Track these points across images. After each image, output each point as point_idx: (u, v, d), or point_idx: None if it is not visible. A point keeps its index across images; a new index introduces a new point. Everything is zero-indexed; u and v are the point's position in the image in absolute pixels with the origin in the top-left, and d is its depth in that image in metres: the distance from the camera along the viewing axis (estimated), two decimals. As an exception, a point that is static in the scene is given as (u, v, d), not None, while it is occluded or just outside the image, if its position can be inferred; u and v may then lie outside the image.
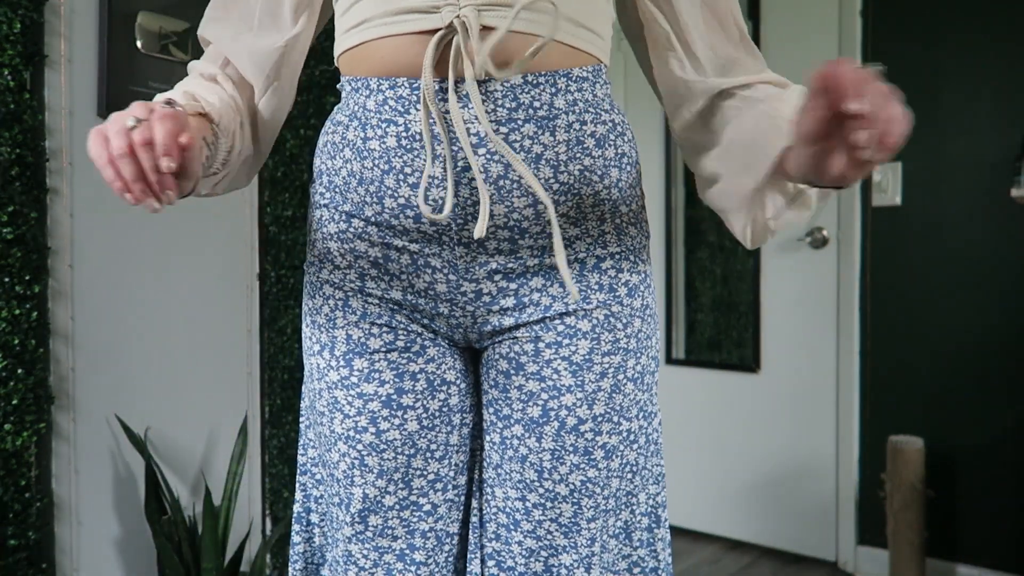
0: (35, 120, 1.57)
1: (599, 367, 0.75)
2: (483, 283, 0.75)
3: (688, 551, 2.76)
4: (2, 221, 1.52)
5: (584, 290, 0.75)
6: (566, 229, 0.73)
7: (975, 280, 2.33)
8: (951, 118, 2.36)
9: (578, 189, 0.72)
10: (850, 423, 2.54)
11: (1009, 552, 2.27)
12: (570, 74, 0.72)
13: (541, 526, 0.78)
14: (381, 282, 0.76)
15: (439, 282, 0.75)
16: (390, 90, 0.71)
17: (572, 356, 0.75)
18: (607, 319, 0.75)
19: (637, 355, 0.78)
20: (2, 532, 1.52)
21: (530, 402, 0.76)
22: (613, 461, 0.78)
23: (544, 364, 0.76)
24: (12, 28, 1.51)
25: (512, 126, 0.69)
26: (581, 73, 0.73)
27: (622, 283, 0.76)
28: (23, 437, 1.54)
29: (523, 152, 0.70)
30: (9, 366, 1.53)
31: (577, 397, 0.75)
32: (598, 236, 0.75)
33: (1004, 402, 2.27)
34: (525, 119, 0.70)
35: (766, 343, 2.71)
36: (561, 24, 0.70)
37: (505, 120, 0.69)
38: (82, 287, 1.68)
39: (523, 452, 0.77)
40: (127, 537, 1.76)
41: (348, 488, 0.78)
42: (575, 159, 0.72)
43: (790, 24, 2.65)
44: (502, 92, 0.69)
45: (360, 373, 0.77)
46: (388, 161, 0.72)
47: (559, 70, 0.71)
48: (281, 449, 2.09)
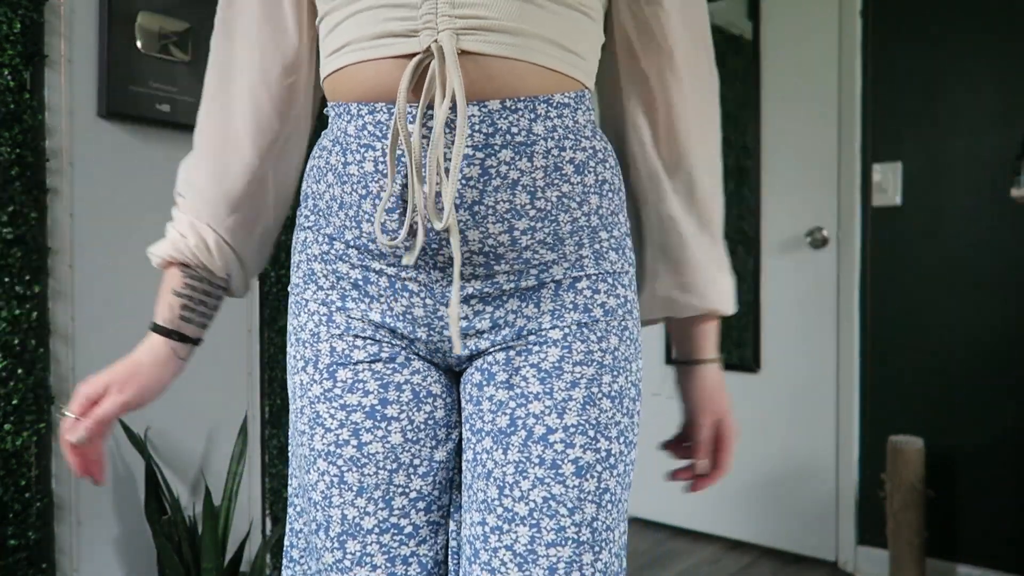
0: (35, 120, 1.57)
1: (570, 375, 0.71)
2: (460, 307, 0.73)
3: (688, 551, 2.76)
4: (2, 221, 1.52)
5: (558, 309, 0.73)
6: (542, 254, 0.72)
7: (975, 280, 2.33)
8: (951, 118, 2.36)
9: (555, 215, 0.71)
10: (850, 423, 2.54)
11: (1009, 552, 2.27)
12: (551, 100, 0.70)
13: (496, 555, 0.69)
14: (362, 303, 0.75)
15: (416, 306, 0.73)
16: (369, 115, 0.70)
17: (541, 363, 0.72)
18: (579, 329, 0.73)
19: (614, 372, 0.73)
20: (2, 532, 1.52)
21: (499, 412, 0.72)
22: (588, 482, 0.69)
23: (513, 372, 0.73)
24: (12, 28, 1.51)
25: (488, 151, 0.68)
26: (563, 99, 0.71)
27: (598, 304, 0.74)
28: (23, 437, 1.54)
29: (499, 178, 0.68)
30: (9, 366, 1.53)
31: (545, 405, 0.70)
32: (575, 260, 0.73)
33: (1004, 402, 2.27)
34: (502, 144, 0.68)
35: (766, 343, 2.71)
36: (542, 47, 0.69)
37: (482, 145, 0.67)
38: (82, 287, 1.68)
39: (489, 467, 0.72)
40: (127, 537, 1.76)
41: (326, 511, 0.74)
42: (553, 185, 0.70)
43: (790, 24, 2.65)
44: (479, 117, 0.67)
45: (344, 384, 0.74)
46: (366, 186, 0.71)
47: (539, 95, 0.69)
48: (281, 449, 2.09)
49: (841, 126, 2.56)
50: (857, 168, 2.53)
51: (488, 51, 0.67)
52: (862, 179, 2.52)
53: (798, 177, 2.65)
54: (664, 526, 3.00)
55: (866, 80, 2.51)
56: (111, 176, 1.73)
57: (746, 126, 2.77)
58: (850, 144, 2.53)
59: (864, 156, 2.52)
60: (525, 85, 0.69)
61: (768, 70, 2.70)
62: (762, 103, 2.72)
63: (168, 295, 0.83)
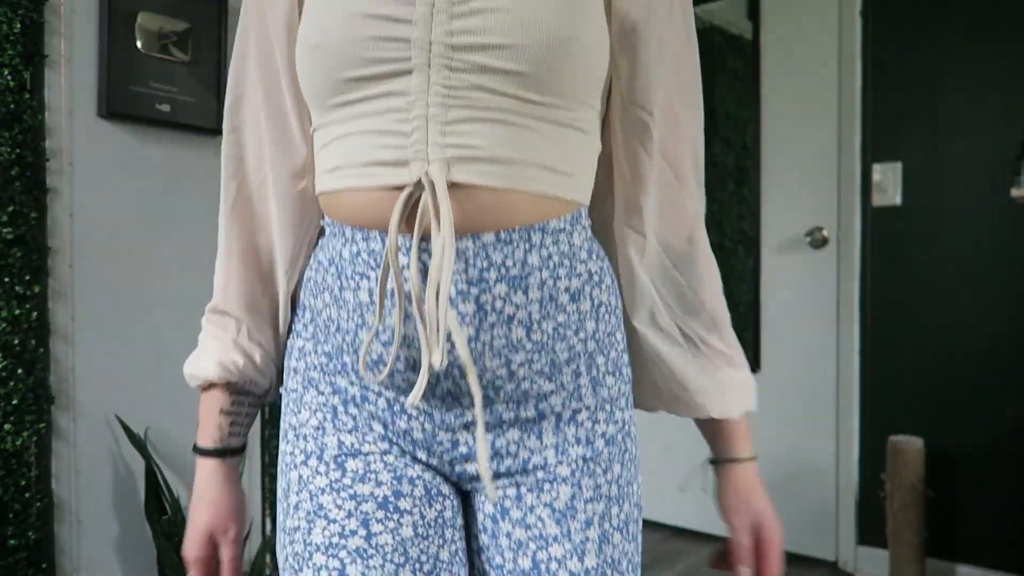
0: (35, 120, 1.57)
1: (583, 515, 0.73)
2: (459, 433, 0.72)
3: (688, 551, 2.76)
4: (2, 221, 1.52)
5: (562, 444, 0.73)
6: (540, 384, 0.71)
7: (975, 280, 2.33)
8: (951, 118, 2.36)
9: (552, 346, 0.70)
10: (850, 423, 2.54)
11: (1009, 552, 2.27)
12: (545, 227, 0.68)
13: None
14: (362, 415, 0.74)
15: (415, 429, 0.73)
16: (363, 242, 0.69)
17: (554, 503, 0.72)
18: (586, 464, 0.73)
19: (620, 502, 0.75)
20: (2, 532, 1.52)
21: (520, 551, 0.73)
22: None
23: (528, 511, 0.73)
24: (12, 28, 1.51)
25: (483, 286, 0.66)
26: (558, 224, 0.69)
27: (599, 435, 0.74)
28: (23, 437, 1.55)
29: (495, 314, 0.67)
30: (9, 366, 1.53)
31: (566, 548, 0.72)
32: (573, 390, 0.73)
33: (1004, 402, 2.27)
34: (497, 279, 0.67)
35: (766, 343, 2.71)
36: (535, 174, 0.67)
37: (476, 280, 0.66)
38: (82, 287, 1.68)
39: None
40: (127, 537, 1.76)
41: None
42: (548, 317, 0.69)
43: (790, 24, 2.65)
44: (474, 251, 0.66)
45: (354, 473, 0.72)
46: (361, 315, 0.70)
47: (534, 224, 0.68)
48: (281, 449, 2.09)
49: (841, 126, 2.56)
50: (857, 168, 2.53)
51: (479, 182, 0.65)
52: (862, 179, 2.52)
53: (798, 177, 2.65)
54: (664, 526, 3.00)
55: (866, 80, 2.51)
56: (111, 176, 1.73)
57: (746, 126, 2.77)
58: (850, 144, 2.53)
59: (864, 156, 2.52)
60: (518, 214, 0.67)
61: (768, 70, 2.70)
62: (762, 103, 2.72)
63: (215, 416, 0.82)
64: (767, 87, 2.71)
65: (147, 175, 1.79)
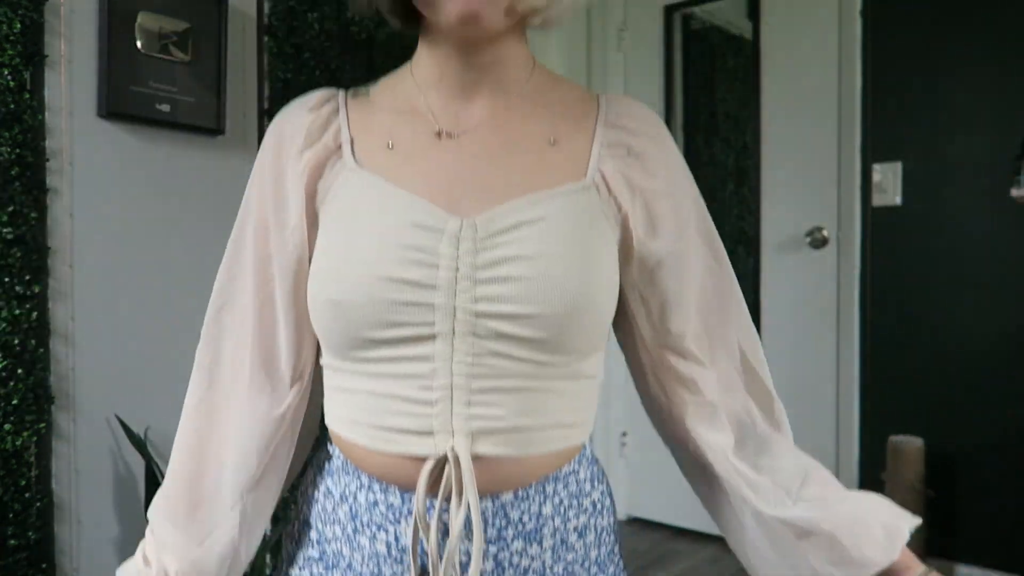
0: (35, 120, 1.57)
1: None
2: None
3: (688, 551, 2.76)
4: (2, 221, 1.52)
5: None
6: None
7: (975, 280, 2.33)
8: (951, 118, 2.36)
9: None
10: (850, 423, 2.54)
11: (1009, 552, 2.27)
12: (558, 476, 0.71)
13: None
14: None
15: None
16: (381, 493, 0.70)
17: None
18: None
19: None
20: (2, 532, 1.52)
21: None
22: None
23: None
24: (12, 28, 1.51)
25: (501, 544, 0.68)
26: (568, 468, 0.72)
27: None
28: (23, 437, 1.54)
29: (511, 568, 0.69)
30: (9, 366, 1.53)
31: None
32: None
33: (1004, 402, 2.27)
34: (514, 535, 0.69)
35: (766, 343, 2.70)
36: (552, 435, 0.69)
37: (495, 539, 0.68)
38: (82, 287, 1.68)
39: None
40: (127, 537, 1.76)
41: None
42: (559, 560, 0.71)
43: (790, 24, 2.65)
44: (492, 511, 0.68)
45: None
46: (378, 565, 0.70)
47: (548, 475, 0.70)
48: (281, 449, 2.09)
49: (841, 126, 2.56)
50: (857, 168, 2.53)
51: (501, 454, 0.66)
52: (862, 179, 2.52)
53: (798, 177, 2.65)
54: (664, 526, 3.00)
55: (866, 80, 2.51)
56: (111, 176, 1.73)
57: (746, 126, 2.77)
58: (850, 144, 2.53)
59: (864, 156, 2.52)
60: (535, 473, 0.69)
61: (768, 70, 2.70)
62: (762, 103, 2.72)
63: None
64: (767, 87, 2.70)
65: (147, 175, 1.79)
